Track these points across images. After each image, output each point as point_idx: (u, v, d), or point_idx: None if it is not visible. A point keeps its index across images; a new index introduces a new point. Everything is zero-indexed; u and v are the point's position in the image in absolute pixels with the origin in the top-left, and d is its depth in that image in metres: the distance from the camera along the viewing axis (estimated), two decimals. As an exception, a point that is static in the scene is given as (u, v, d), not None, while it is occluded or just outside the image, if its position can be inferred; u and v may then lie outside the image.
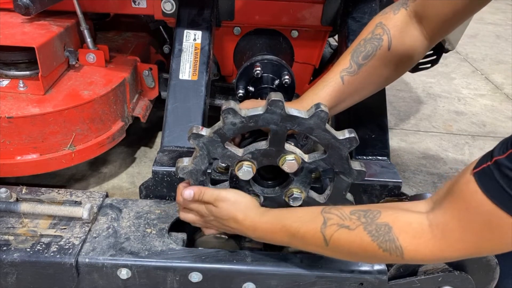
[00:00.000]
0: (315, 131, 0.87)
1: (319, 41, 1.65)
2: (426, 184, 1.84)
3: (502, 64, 3.35)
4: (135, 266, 0.98)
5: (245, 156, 0.92)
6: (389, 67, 1.06)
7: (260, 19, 1.57)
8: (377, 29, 1.05)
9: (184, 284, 1.00)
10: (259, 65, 1.38)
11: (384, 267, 1.00)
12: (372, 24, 1.08)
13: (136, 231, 1.06)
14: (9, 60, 1.37)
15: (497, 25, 4.29)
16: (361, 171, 0.93)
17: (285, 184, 1.00)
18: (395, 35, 1.03)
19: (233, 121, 0.86)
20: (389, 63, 1.06)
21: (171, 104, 1.31)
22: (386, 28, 1.04)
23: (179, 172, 0.94)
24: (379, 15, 1.08)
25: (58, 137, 1.31)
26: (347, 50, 1.09)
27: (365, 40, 1.06)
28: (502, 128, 2.35)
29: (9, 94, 1.31)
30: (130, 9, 1.52)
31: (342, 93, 1.06)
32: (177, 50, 1.40)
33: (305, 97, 1.09)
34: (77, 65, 1.50)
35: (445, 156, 2.06)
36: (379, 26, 1.05)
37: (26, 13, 1.33)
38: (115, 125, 1.47)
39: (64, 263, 0.97)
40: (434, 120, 2.40)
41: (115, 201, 1.15)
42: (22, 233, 1.03)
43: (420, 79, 2.89)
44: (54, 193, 1.15)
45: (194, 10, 1.45)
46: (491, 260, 1.00)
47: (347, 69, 1.06)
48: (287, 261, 1.01)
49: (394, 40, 1.03)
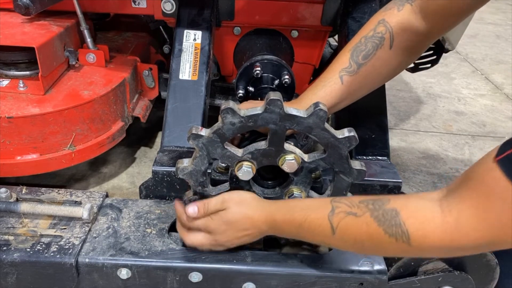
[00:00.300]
0: (314, 130, 0.87)
1: (319, 41, 1.65)
2: (426, 184, 1.84)
3: (502, 64, 3.35)
4: (135, 266, 0.98)
5: (245, 156, 0.92)
6: (389, 65, 1.05)
7: (260, 19, 1.57)
8: (379, 26, 1.03)
9: (184, 284, 1.00)
10: (259, 65, 1.38)
11: (384, 267, 1.00)
12: (374, 20, 1.05)
13: (136, 231, 1.06)
14: (9, 60, 1.37)
15: (497, 25, 4.29)
16: (361, 171, 0.93)
17: (285, 184, 1.00)
18: (398, 33, 1.01)
19: (232, 121, 0.86)
20: (390, 62, 1.05)
21: (171, 104, 1.31)
22: (389, 25, 1.02)
23: (179, 173, 0.94)
24: (381, 11, 1.06)
25: (58, 137, 1.31)
26: (346, 47, 1.07)
27: (366, 38, 1.04)
28: (502, 128, 2.35)
29: (9, 94, 1.31)
30: (130, 9, 1.52)
31: (342, 93, 1.05)
32: (177, 50, 1.40)
33: (303, 97, 1.08)
34: (77, 65, 1.50)
35: (445, 156, 2.05)
36: (381, 23, 1.03)
37: (26, 13, 1.33)
38: (115, 125, 1.47)
39: (64, 263, 0.97)
40: (434, 120, 2.40)
41: (115, 201, 1.15)
42: (22, 233, 1.03)
43: (420, 79, 2.89)
44: (54, 193, 1.15)
45: (194, 10, 1.45)
46: (491, 260, 1.00)
47: (346, 69, 1.04)
48: (287, 261, 1.01)
49: (396, 38, 1.01)
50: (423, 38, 1.03)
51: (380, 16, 1.05)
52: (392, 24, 1.02)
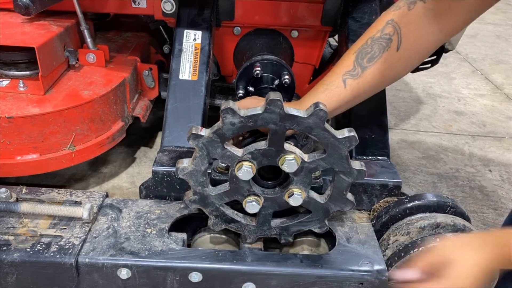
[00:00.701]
0: (314, 130, 0.87)
1: (319, 41, 1.65)
2: (426, 184, 1.84)
3: (502, 64, 3.36)
4: (135, 266, 0.98)
5: (245, 156, 0.92)
6: (395, 68, 1.02)
7: (260, 19, 1.57)
8: (387, 27, 0.99)
9: (184, 284, 1.00)
10: (259, 65, 1.38)
11: (384, 267, 1.00)
12: (382, 20, 1.01)
13: (136, 231, 1.06)
14: (9, 60, 1.37)
15: (497, 25, 4.29)
16: (361, 171, 0.93)
17: (285, 184, 1.00)
18: (406, 34, 0.97)
19: (232, 121, 0.86)
20: (396, 65, 1.01)
21: (171, 104, 1.31)
22: (398, 26, 0.98)
23: (179, 173, 0.94)
24: (391, 10, 1.01)
25: (58, 137, 1.31)
26: (351, 48, 1.04)
27: (372, 39, 1.00)
28: (502, 128, 2.35)
29: (9, 94, 1.31)
30: (130, 9, 1.53)
31: (344, 97, 1.03)
32: (177, 50, 1.40)
33: (305, 99, 1.07)
34: (77, 65, 1.50)
35: (445, 156, 2.06)
36: (390, 24, 0.99)
37: (26, 13, 1.33)
38: (115, 125, 1.47)
39: (64, 263, 0.97)
40: (434, 120, 2.40)
41: (115, 201, 1.15)
42: (22, 233, 1.03)
43: (420, 79, 2.89)
44: (54, 193, 1.15)
45: (194, 10, 1.45)
46: (491, 260, 1.00)
47: (350, 72, 1.01)
48: (287, 261, 1.01)
49: (405, 39, 0.97)
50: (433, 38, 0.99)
51: (389, 16, 1.00)
52: (401, 25, 0.98)
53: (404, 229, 1.05)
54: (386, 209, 1.11)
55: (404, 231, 1.04)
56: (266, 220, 1.02)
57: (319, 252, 1.11)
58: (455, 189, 1.82)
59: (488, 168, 1.97)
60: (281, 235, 1.06)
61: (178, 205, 1.15)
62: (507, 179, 1.91)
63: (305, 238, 1.12)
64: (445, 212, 1.06)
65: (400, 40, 0.98)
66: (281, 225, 1.03)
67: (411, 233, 1.03)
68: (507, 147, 2.12)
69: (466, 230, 1.03)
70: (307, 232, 1.08)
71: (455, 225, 1.03)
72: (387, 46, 0.99)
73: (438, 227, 1.02)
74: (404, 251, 0.99)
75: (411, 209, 1.07)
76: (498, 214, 1.70)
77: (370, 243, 1.06)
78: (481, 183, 1.87)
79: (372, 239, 1.08)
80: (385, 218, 1.10)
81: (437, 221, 1.03)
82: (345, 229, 1.10)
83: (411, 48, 0.99)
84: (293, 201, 0.97)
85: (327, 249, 1.11)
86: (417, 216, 1.06)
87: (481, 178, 1.90)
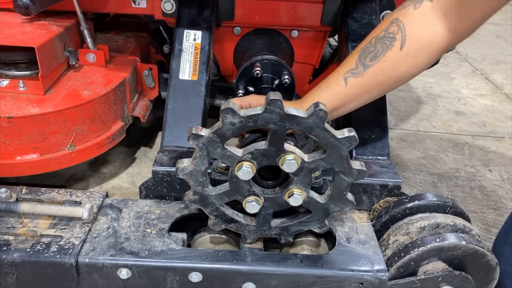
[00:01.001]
0: (314, 130, 0.87)
1: (319, 41, 1.65)
2: (426, 184, 1.84)
3: (502, 64, 3.36)
4: (135, 266, 0.98)
5: (245, 156, 0.92)
6: (399, 68, 0.99)
7: (260, 19, 1.57)
8: (392, 26, 0.97)
9: (184, 284, 1.00)
10: (259, 65, 1.38)
11: (384, 267, 1.00)
12: (387, 20, 0.99)
13: (136, 231, 1.06)
14: (9, 60, 1.37)
15: (497, 25, 4.29)
16: (361, 171, 0.93)
17: (285, 184, 1.00)
18: (411, 33, 0.95)
19: (232, 121, 0.86)
20: (400, 64, 0.98)
21: (171, 104, 1.31)
22: (402, 25, 0.96)
23: (179, 173, 0.94)
24: (397, 10, 1.00)
25: (58, 137, 1.31)
26: (356, 49, 1.03)
27: (376, 39, 0.99)
28: (502, 128, 2.35)
29: (9, 94, 1.31)
30: (130, 9, 1.52)
31: (345, 95, 1.02)
32: (177, 50, 1.40)
33: (306, 98, 1.07)
34: (77, 65, 1.50)
35: (445, 156, 2.05)
36: (394, 23, 0.97)
37: (26, 13, 1.33)
38: (115, 125, 1.47)
39: (64, 263, 0.97)
40: (434, 120, 2.40)
41: (115, 201, 1.15)
42: (22, 233, 1.03)
43: (420, 79, 2.89)
44: (54, 193, 1.15)
45: (194, 10, 1.45)
46: (491, 260, 1.01)
47: (352, 70, 1.00)
48: (287, 261, 1.01)
49: (409, 38, 0.95)
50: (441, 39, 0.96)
51: (394, 15, 0.99)
52: (406, 23, 0.96)
53: (404, 229, 1.05)
54: (386, 209, 1.12)
55: (404, 231, 1.04)
56: (266, 220, 1.02)
57: (319, 252, 1.11)
58: (455, 189, 1.82)
59: (488, 168, 1.97)
60: (281, 235, 1.06)
61: (178, 205, 1.15)
62: (507, 179, 1.91)
63: (305, 238, 1.12)
64: (445, 212, 1.06)
65: (404, 39, 0.96)
66: (281, 225, 1.04)
67: (411, 233, 1.03)
68: (507, 147, 2.12)
69: (466, 230, 1.03)
70: (307, 232, 1.08)
71: (455, 225, 1.03)
72: (390, 45, 0.97)
73: (438, 227, 1.03)
74: (404, 251, 0.99)
75: (411, 209, 1.07)
76: (498, 214, 1.70)
77: (370, 243, 1.07)
78: (481, 183, 1.87)
79: (372, 239, 1.08)
80: (385, 218, 1.10)
81: (437, 221, 1.03)
82: (345, 229, 1.10)
83: (416, 48, 0.97)
84: (293, 201, 0.97)
85: (327, 249, 1.11)
86: (417, 216, 1.06)
87: (481, 178, 1.90)
